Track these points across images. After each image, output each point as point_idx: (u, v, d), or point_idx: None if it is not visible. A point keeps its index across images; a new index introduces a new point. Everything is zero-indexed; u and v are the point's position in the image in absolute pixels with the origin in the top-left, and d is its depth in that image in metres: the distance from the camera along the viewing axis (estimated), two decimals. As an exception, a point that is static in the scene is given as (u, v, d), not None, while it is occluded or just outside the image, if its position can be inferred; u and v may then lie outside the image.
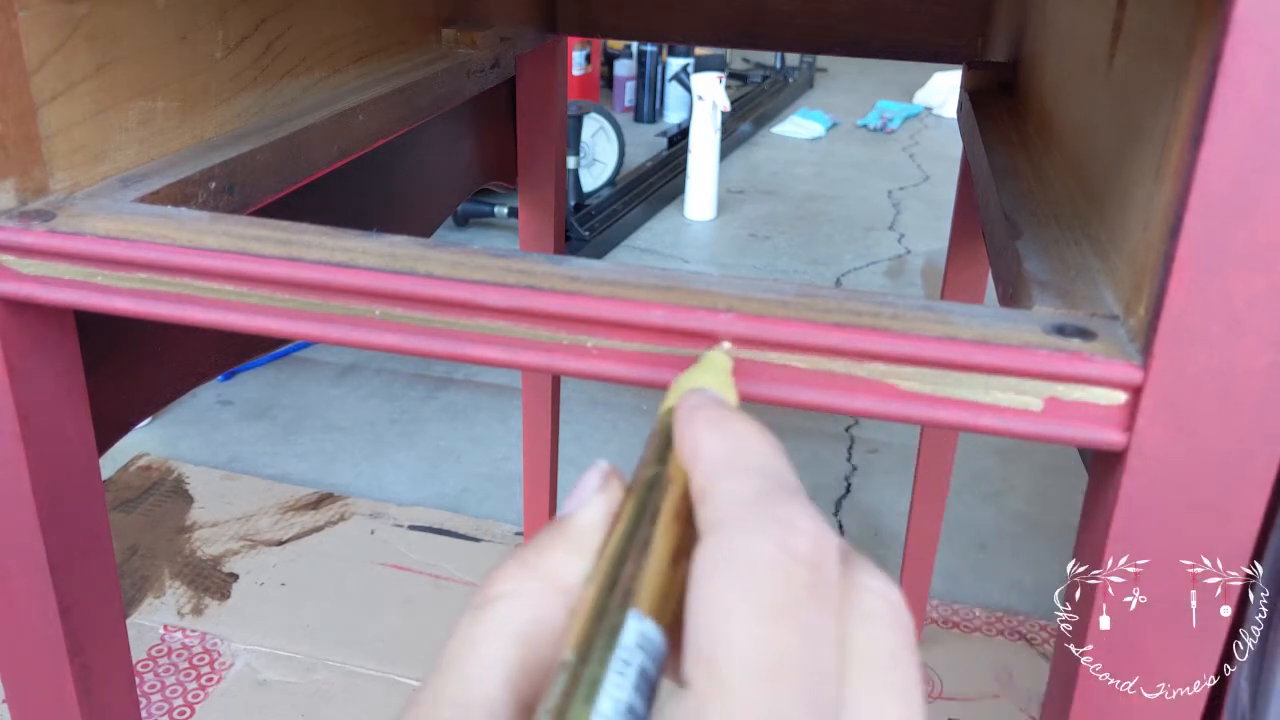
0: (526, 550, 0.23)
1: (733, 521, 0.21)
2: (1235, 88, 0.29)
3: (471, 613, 0.22)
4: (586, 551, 0.23)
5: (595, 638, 0.20)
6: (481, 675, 0.21)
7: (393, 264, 0.38)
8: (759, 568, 0.20)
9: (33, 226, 0.41)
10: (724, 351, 0.34)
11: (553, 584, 0.22)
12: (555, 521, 0.24)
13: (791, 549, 0.20)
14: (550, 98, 1.04)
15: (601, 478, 0.25)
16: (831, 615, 0.20)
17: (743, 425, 0.24)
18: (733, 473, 0.22)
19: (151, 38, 0.49)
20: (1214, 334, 0.32)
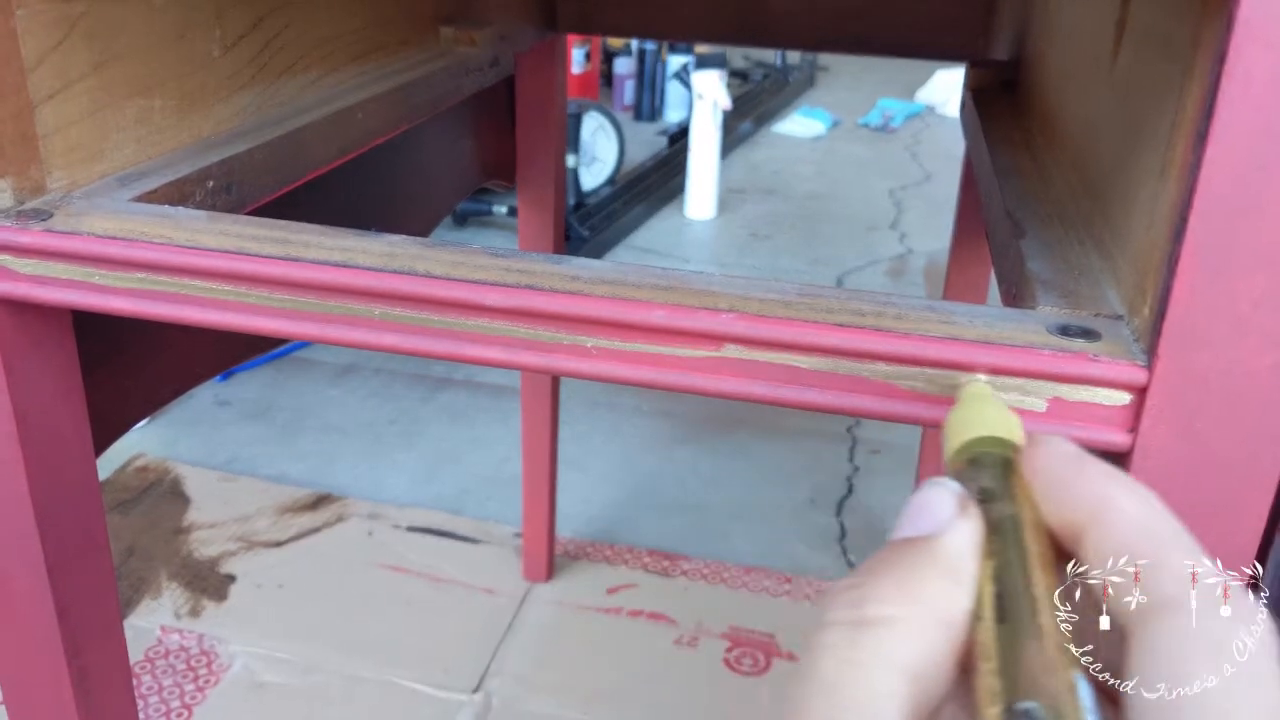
0: (900, 572, 0.22)
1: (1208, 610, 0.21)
2: (1240, 86, 0.29)
3: (844, 630, 0.21)
4: (963, 582, 0.22)
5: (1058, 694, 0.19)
6: (876, 706, 0.20)
7: (391, 263, 0.38)
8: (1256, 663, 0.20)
9: (30, 226, 0.41)
10: (983, 383, 0.33)
11: (937, 615, 0.21)
12: (919, 543, 0.23)
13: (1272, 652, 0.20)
14: (549, 96, 1.04)
15: (958, 502, 0.24)
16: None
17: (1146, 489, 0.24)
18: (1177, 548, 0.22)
19: (149, 36, 0.49)
20: (1218, 334, 0.31)
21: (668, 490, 1.58)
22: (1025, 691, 0.19)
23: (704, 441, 1.71)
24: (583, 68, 3.72)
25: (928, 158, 3.51)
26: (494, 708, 1.15)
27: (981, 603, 0.21)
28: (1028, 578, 0.22)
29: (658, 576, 1.37)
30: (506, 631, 1.26)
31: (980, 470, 0.25)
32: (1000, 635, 0.20)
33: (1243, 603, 0.20)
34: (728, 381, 0.36)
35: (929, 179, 3.27)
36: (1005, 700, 0.19)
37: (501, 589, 1.33)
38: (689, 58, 3.63)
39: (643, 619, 1.29)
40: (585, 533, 1.46)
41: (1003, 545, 0.22)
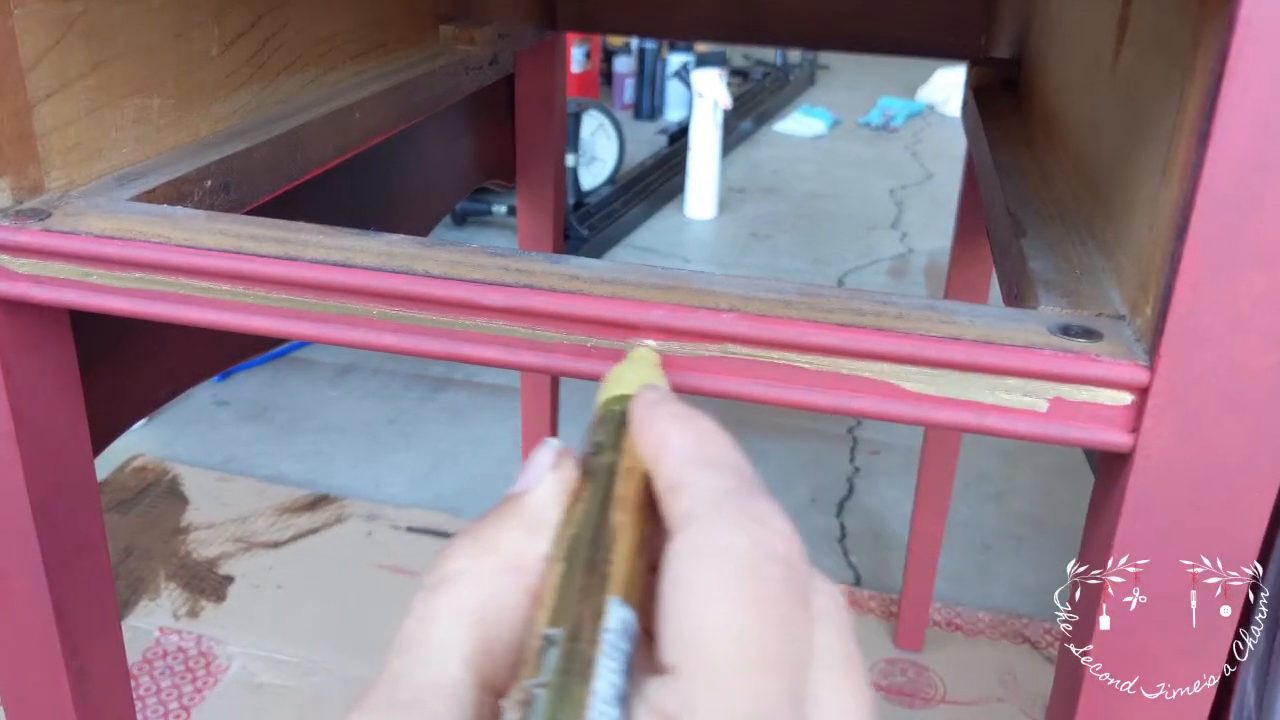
0: (479, 528, 0.23)
1: (709, 514, 0.21)
2: (1241, 86, 0.29)
3: (425, 592, 0.22)
4: (541, 529, 0.23)
5: (580, 618, 0.20)
6: (440, 656, 0.21)
7: (390, 263, 0.38)
8: (740, 561, 0.20)
9: (28, 225, 0.40)
10: (650, 349, 0.35)
11: (508, 562, 0.22)
12: (507, 499, 0.24)
13: (767, 545, 0.21)
14: (549, 95, 1.04)
15: (554, 456, 0.25)
16: (804, 611, 0.21)
17: (706, 422, 0.25)
18: (705, 467, 0.23)
19: (147, 35, 0.49)
20: (1220, 334, 0.31)
21: (668, 490, 1.58)
22: (555, 619, 0.20)
23: (704, 441, 1.70)
24: (582, 66, 3.72)
25: (929, 157, 3.51)
26: (494, 708, 1.15)
27: (556, 546, 0.22)
28: (603, 520, 0.22)
29: (658, 576, 1.37)
30: (506, 631, 1.26)
31: (602, 425, 0.26)
32: (558, 572, 0.21)
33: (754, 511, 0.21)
34: (728, 381, 0.36)
35: (930, 178, 3.27)
36: (540, 629, 0.20)
37: (501, 589, 1.33)
38: (689, 56, 3.63)
39: (642, 619, 1.29)
40: (585, 532, 1.46)
41: (592, 492, 0.24)
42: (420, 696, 0.20)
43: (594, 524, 0.22)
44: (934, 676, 1.21)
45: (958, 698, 1.18)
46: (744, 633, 0.19)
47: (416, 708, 0.20)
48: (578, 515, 0.23)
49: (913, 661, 1.23)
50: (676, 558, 0.20)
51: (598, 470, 0.24)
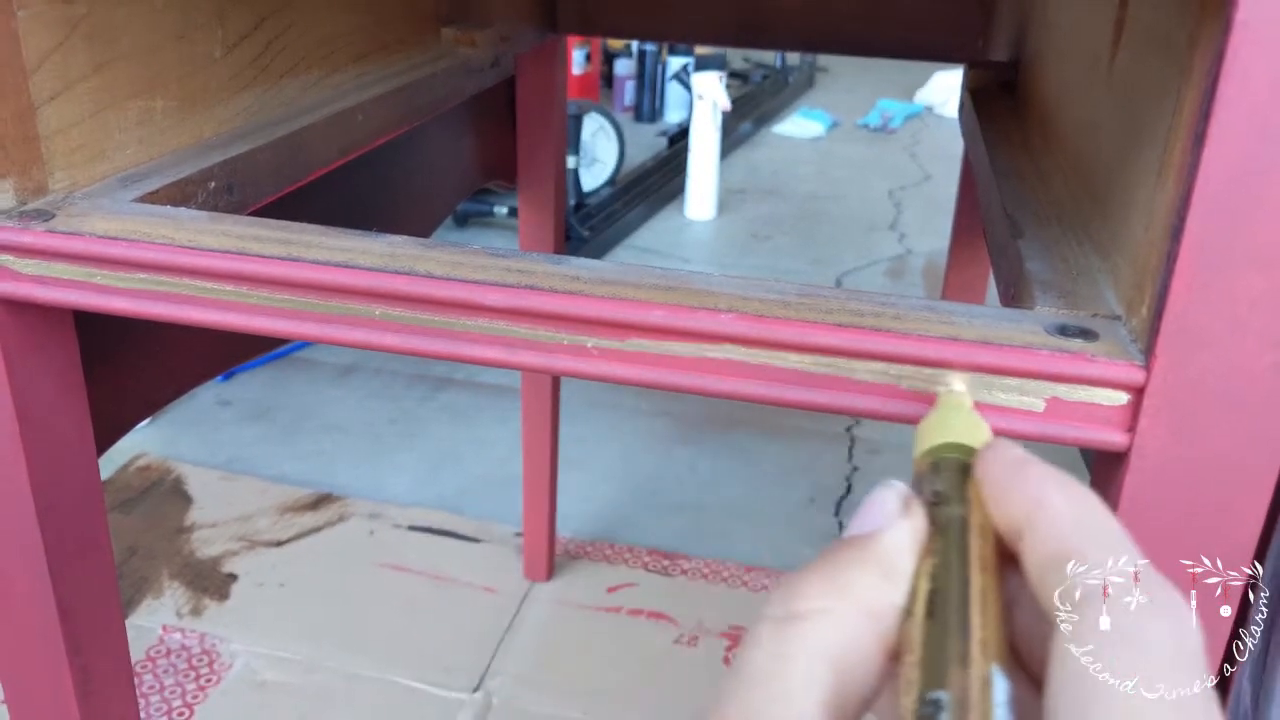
0: (831, 568, 0.22)
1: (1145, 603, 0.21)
2: (1237, 87, 0.29)
3: (774, 624, 0.22)
4: (896, 578, 0.22)
5: (966, 686, 0.20)
6: (798, 694, 0.20)
7: (392, 264, 0.38)
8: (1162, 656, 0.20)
9: (32, 226, 0.41)
10: (960, 391, 0.34)
11: (863, 608, 0.22)
12: (856, 540, 0.23)
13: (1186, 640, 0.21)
14: (550, 97, 1.04)
15: (903, 502, 0.24)
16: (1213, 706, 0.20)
17: (1084, 488, 0.24)
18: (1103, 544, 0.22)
19: (150, 37, 0.49)
20: (1216, 334, 0.31)
21: (668, 490, 1.58)
22: (939, 682, 0.20)
23: (704, 441, 1.71)
24: (583, 69, 3.72)
25: (927, 158, 3.51)
26: (494, 707, 1.15)
27: (915, 599, 0.22)
28: (964, 577, 0.22)
29: (658, 576, 1.38)
30: (507, 631, 1.26)
31: (938, 474, 0.25)
32: (926, 629, 0.21)
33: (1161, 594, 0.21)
34: (728, 381, 0.36)
35: (928, 179, 3.27)
36: (920, 690, 0.20)
37: (502, 588, 1.33)
38: (689, 59, 3.63)
39: (643, 618, 1.29)
40: (585, 532, 1.46)
41: (945, 545, 0.23)
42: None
43: (956, 581, 0.22)
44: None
45: (957, 697, 1.18)
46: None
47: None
48: (930, 569, 0.22)
49: (912, 661, 1.23)
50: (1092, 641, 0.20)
51: (947, 524, 0.23)
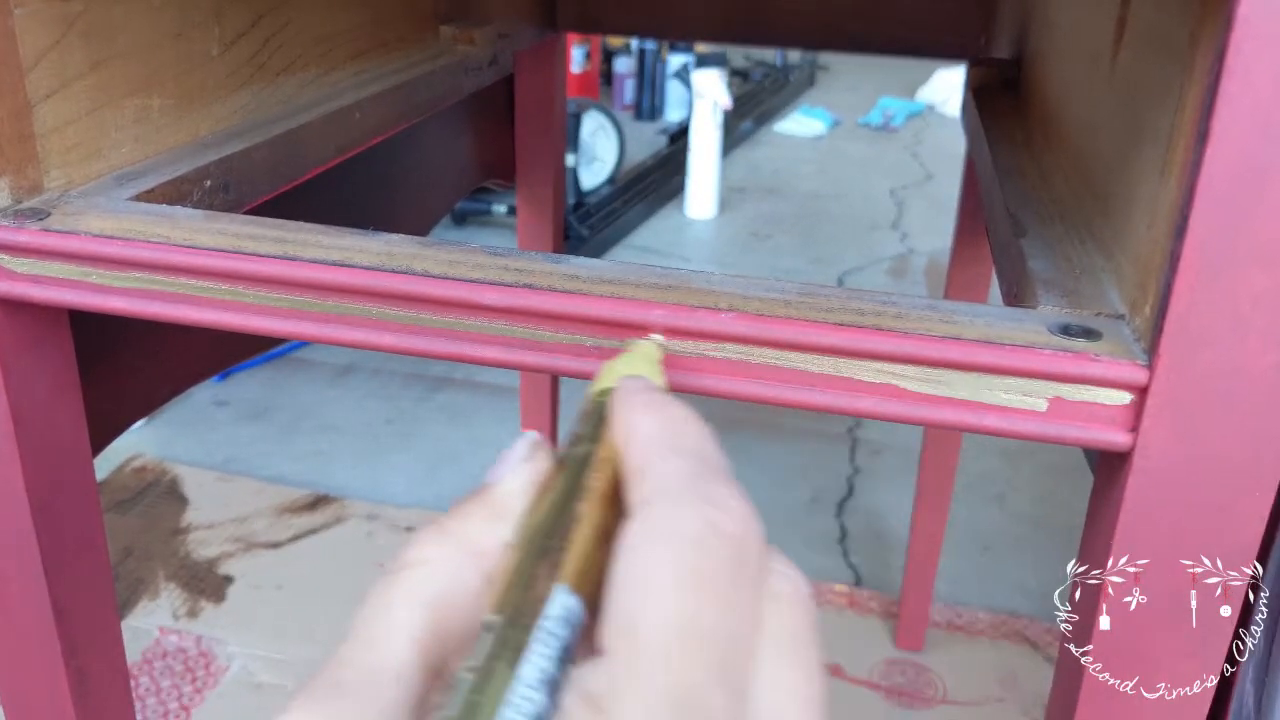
0: (446, 517, 0.23)
1: (663, 497, 0.21)
2: (1240, 84, 0.29)
3: (385, 578, 0.22)
4: (506, 518, 0.23)
5: (522, 604, 0.20)
6: (389, 639, 0.21)
7: (389, 263, 0.38)
8: (685, 541, 0.20)
9: (27, 225, 0.40)
10: (655, 343, 0.35)
11: (469, 549, 0.22)
12: (477, 490, 0.24)
13: (718, 526, 0.21)
14: (549, 95, 1.04)
15: (529, 448, 0.25)
16: (750, 591, 0.21)
17: (677, 409, 0.25)
18: (667, 453, 0.23)
19: (147, 35, 0.49)
20: (1219, 334, 0.31)
21: (668, 490, 1.58)
22: (501, 605, 0.20)
23: (704, 441, 1.70)
24: (582, 67, 3.72)
25: (929, 157, 3.51)
26: (494, 708, 1.15)
27: (518, 534, 0.22)
28: (570, 509, 0.22)
29: (657, 576, 1.37)
30: (506, 631, 1.26)
31: (586, 417, 0.26)
32: (515, 559, 0.21)
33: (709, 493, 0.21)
34: (728, 381, 0.36)
35: (930, 178, 3.27)
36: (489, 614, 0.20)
37: (501, 589, 1.33)
38: (689, 57, 3.63)
39: (642, 619, 1.29)
40: (585, 533, 1.46)
41: (564, 483, 0.23)
42: (366, 678, 0.20)
43: (558, 513, 0.22)
44: (934, 677, 1.21)
45: (958, 698, 1.18)
46: (676, 612, 0.19)
47: (361, 689, 0.20)
48: (545, 505, 0.23)
49: (913, 662, 1.23)
50: (626, 543, 0.20)
51: (572, 461, 0.24)
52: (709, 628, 0.19)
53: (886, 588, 1.35)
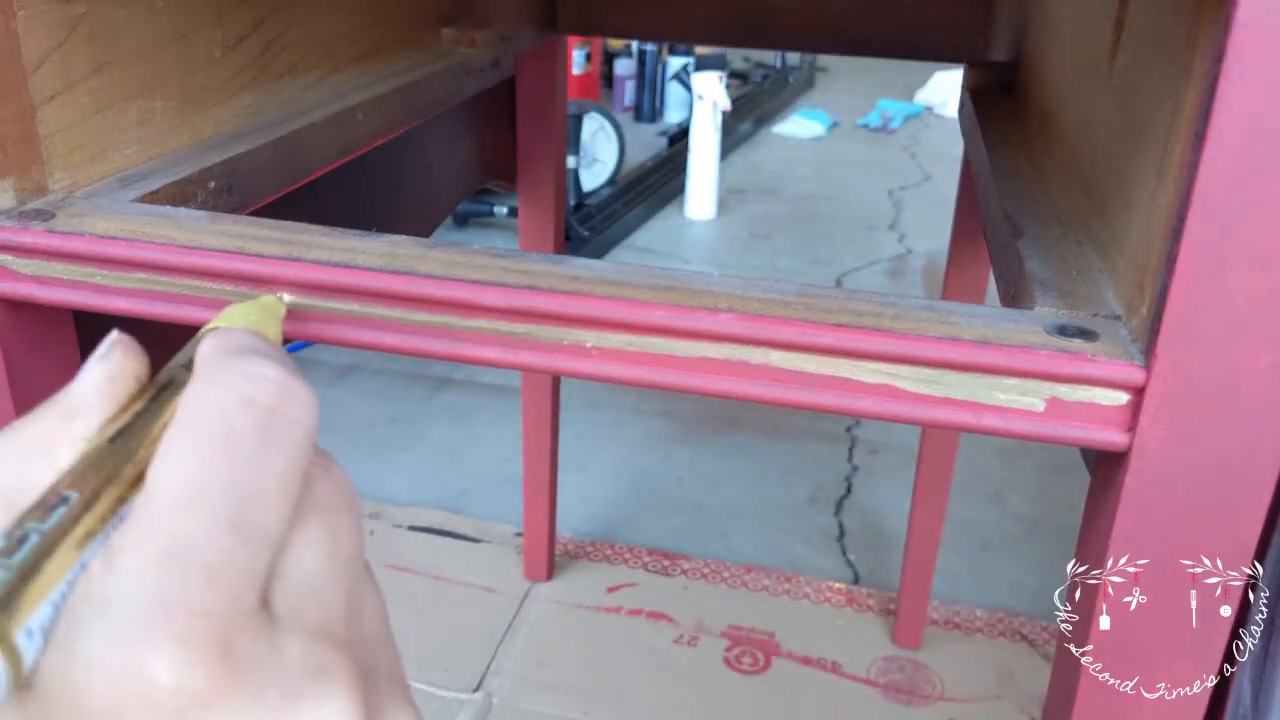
0: (18, 420, 0.23)
1: (199, 375, 0.22)
2: (1237, 87, 0.29)
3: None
4: (79, 415, 0.23)
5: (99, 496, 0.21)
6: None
7: (392, 264, 0.38)
8: (208, 410, 0.21)
9: (31, 226, 0.41)
10: (279, 299, 0.36)
11: (41, 444, 0.22)
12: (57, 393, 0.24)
13: (247, 395, 0.22)
14: (550, 97, 1.04)
15: (107, 346, 0.25)
16: (280, 453, 0.21)
17: (247, 333, 0.25)
18: (216, 347, 0.24)
19: (150, 37, 0.49)
20: (1216, 334, 0.32)
21: (667, 490, 1.58)
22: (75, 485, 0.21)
23: (704, 441, 1.71)
24: (583, 69, 3.72)
25: (926, 158, 3.51)
26: (494, 706, 1.15)
27: (99, 431, 0.23)
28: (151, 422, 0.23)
29: (657, 576, 1.38)
30: (507, 630, 1.26)
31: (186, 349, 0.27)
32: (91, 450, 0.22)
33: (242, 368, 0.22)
34: (728, 381, 0.36)
35: (928, 179, 3.27)
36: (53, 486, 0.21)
37: (502, 588, 1.33)
38: (689, 59, 3.63)
39: (643, 618, 1.29)
40: (585, 532, 1.46)
41: (153, 398, 0.24)
42: None
43: (144, 422, 0.23)
44: (932, 674, 1.21)
45: (955, 695, 1.18)
46: (184, 473, 0.20)
47: None
48: (131, 411, 0.23)
49: (911, 659, 1.23)
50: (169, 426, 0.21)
51: (169, 382, 0.25)
52: (218, 486, 0.20)
53: (884, 586, 1.35)
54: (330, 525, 0.22)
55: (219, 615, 0.19)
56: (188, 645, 0.18)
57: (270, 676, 0.19)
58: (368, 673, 0.22)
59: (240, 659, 0.19)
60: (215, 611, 0.19)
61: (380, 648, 0.23)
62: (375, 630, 0.23)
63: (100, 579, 0.19)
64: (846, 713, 1.16)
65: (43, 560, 0.19)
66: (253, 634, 0.19)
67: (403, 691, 0.23)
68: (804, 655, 1.23)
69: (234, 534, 0.20)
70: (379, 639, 0.23)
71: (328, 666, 0.20)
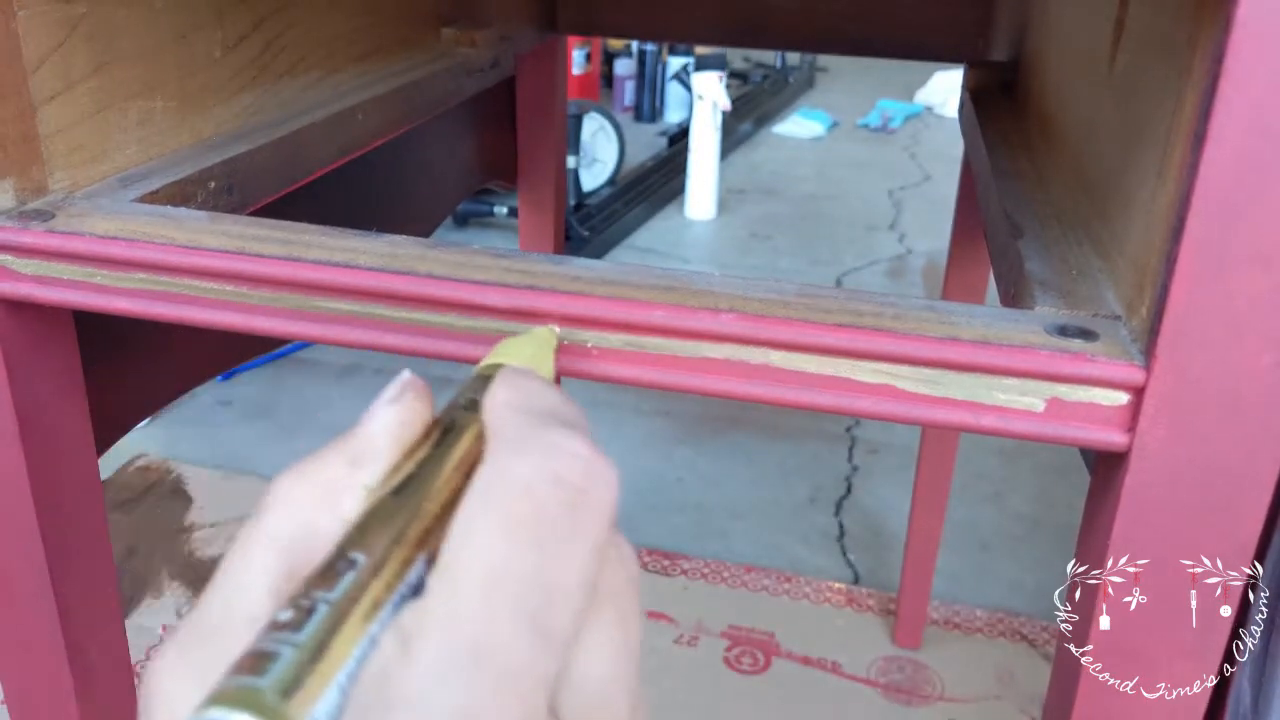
0: (306, 460, 0.23)
1: (503, 446, 0.21)
2: (1237, 87, 0.29)
3: (246, 525, 0.22)
4: (365, 462, 0.22)
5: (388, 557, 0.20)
6: (247, 583, 0.21)
7: (392, 264, 0.38)
8: (514, 487, 0.20)
9: (31, 226, 0.41)
10: (551, 330, 0.36)
11: (325, 491, 0.22)
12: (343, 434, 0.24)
13: (554, 471, 0.20)
14: (550, 97, 1.04)
15: (398, 389, 0.24)
16: (586, 539, 0.20)
17: (538, 381, 0.24)
18: (517, 412, 0.23)
19: (150, 37, 0.49)
20: (1216, 334, 0.32)
21: (667, 489, 1.58)
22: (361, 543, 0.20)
23: (704, 441, 1.71)
24: (583, 69, 3.72)
25: (926, 158, 3.51)
26: (494, 707, 1.15)
27: (384, 480, 0.22)
28: (438, 470, 0.22)
29: (657, 575, 1.38)
30: (506, 631, 1.26)
31: (467, 387, 0.26)
32: (376, 501, 0.21)
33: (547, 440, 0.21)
34: (728, 381, 0.36)
35: (928, 179, 3.27)
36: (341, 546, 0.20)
37: (501, 589, 1.33)
38: (689, 59, 3.63)
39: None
40: (585, 533, 1.46)
41: (438, 442, 0.23)
42: (223, 623, 0.20)
43: (429, 472, 0.22)
44: (932, 674, 1.21)
45: (955, 695, 1.18)
46: (491, 557, 0.19)
47: (219, 634, 0.20)
48: (415, 458, 0.23)
49: (911, 659, 1.23)
50: (467, 494, 0.20)
51: (452, 424, 0.24)
52: (523, 574, 0.19)
53: (884, 585, 1.35)
54: (621, 616, 0.21)
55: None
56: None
57: None
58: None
59: None
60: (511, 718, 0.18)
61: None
62: None
63: (397, 671, 0.18)
64: (846, 713, 1.16)
65: (331, 636, 0.18)
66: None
67: None
68: (804, 655, 1.23)
69: (536, 635, 0.18)
70: None
71: None
